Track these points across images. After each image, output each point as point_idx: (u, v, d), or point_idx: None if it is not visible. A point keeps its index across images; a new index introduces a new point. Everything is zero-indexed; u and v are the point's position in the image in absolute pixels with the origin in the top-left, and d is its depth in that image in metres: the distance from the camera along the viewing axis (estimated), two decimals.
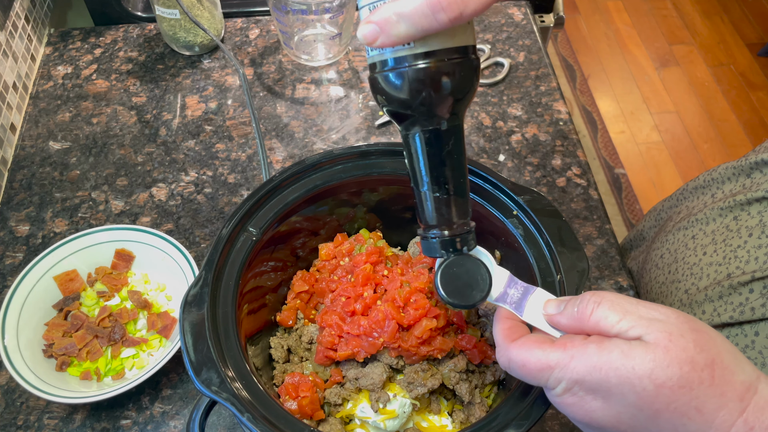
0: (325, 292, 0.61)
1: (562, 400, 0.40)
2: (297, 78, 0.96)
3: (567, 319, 0.42)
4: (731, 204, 0.67)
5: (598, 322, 0.39)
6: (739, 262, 0.63)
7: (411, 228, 0.67)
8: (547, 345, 0.40)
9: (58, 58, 0.98)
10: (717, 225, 0.68)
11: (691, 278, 0.68)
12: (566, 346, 0.39)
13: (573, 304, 0.42)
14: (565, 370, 0.39)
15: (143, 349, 0.69)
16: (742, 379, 0.37)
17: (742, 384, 0.37)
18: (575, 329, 0.41)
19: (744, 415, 0.36)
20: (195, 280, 0.53)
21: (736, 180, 0.71)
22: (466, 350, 0.57)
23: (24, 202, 0.82)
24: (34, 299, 0.68)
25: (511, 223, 0.57)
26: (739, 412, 0.36)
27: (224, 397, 0.46)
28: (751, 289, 0.60)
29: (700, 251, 0.68)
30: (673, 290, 0.70)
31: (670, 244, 0.74)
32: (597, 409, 0.39)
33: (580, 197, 0.82)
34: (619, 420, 0.38)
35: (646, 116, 2.36)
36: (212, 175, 0.85)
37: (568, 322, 0.42)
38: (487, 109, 0.91)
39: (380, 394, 0.55)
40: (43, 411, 0.66)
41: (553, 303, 0.44)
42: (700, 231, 0.70)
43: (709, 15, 2.70)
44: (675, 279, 0.70)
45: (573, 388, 0.39)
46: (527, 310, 0.45)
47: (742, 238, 0.64)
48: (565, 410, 0.41)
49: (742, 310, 0.61)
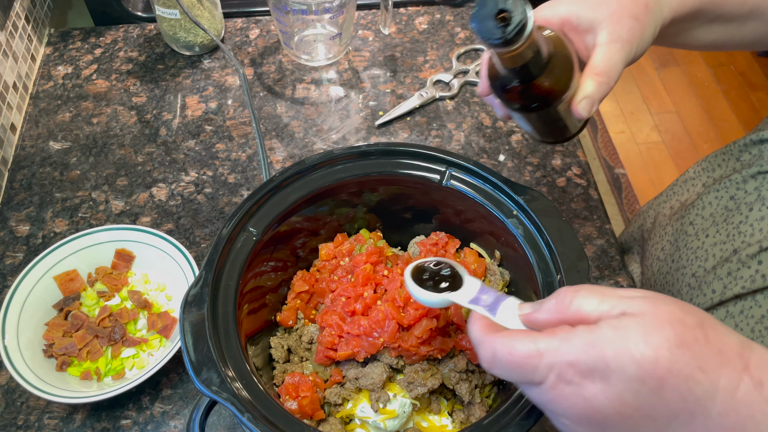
0: (325, 292, 0.61)
1: (555, 393, 0.37)
2: (297, 78, 0.96)
3: (545, 313, 0.39)
4: (726, 185, 0.67)
5: (579, 309, 0.38)
6: (744, 237, 0.63)
7: (411, 228, 0.67)
8: (534, 333, 0.38)
9: (59, 58, 0.98)
10: (715, 207, 0.68)
11: (697, 261, 0.68)
12: (555, 332, 0.37)
13: (549, 299, 0.40)
14: (556, 353, 0.36)
15: (143, 349, 0.69)
16: (734, 339, 0.36)
17: (736, 342, 0.36)
18: (556, 322, 0.39)
19: (749, 371, 0.35)
20: (195, 280, 0.53)
21: (726, 164, 0.71)
22: (466, 350, 0.57)
23: (24, 202, 0.82)
24: (35, 299, 0.68)
25: (511, 223, 0.57)
26: (743, 368, 0.35)
27: (224, 397, 0.46)
28: (759, 260, 0.60)
29: (702, 235, 0.68)
30: (679, 277, 0.70)
31: (669, 235, 0.74)
32: (597, 394, 0.35)
33: (580, 197, 0.82)
34: (623, 402, 0.35)
35: (646, 116, 2.36)
36: (212, 175, 0.85)
37: (547, 316, 0.39)
38: (487, 109, 0.91)
39: (380, 393, 0.55)
40: (43, 411, 0.66)
41: (527, 304, 0.42)
42: (697, 216, 0.70)
43: None
44: (680, 266, 0.70)
45: (567, 374, 0.36)
46: (500, 313, 0.43)
47: (743, 214, 0.64)
48: (560, 406, 0.37)
49: (754, 278, 0.61)
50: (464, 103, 0.92)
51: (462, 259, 0.63)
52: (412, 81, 0.95)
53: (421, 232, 0.67)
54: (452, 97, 0.93)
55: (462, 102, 0.92)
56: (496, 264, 0.63)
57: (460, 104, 0.92)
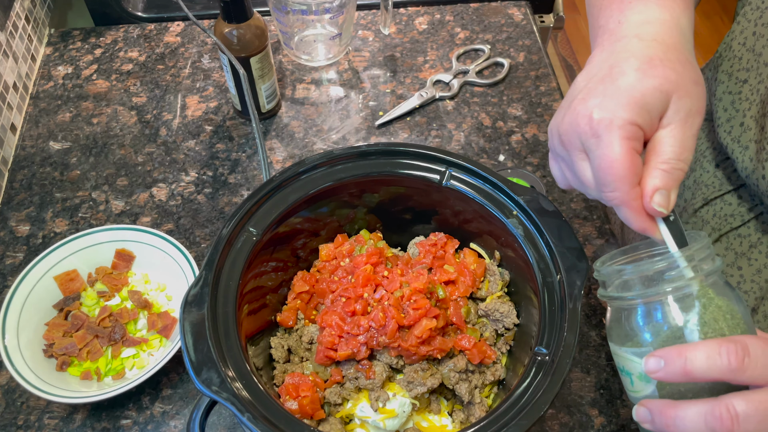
0: (325, 292, 0.61)
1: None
2: (297, 78, 0.96)
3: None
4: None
5: None
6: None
7: (411, 229, 0.67)
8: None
9: (59, 59, 0.98)
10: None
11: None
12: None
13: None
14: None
15: (143, 349, 0.69)
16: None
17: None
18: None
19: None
20: (195, 280, 0.53)
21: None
22: (466, 350, 0.57)
23: (24, 202, 0.82)
24: (35, 299, 0.68)
25: (511, 223, 0.57)
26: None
27: (224, 396, 0.46)
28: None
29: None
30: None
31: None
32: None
33: (580, 197, 0.82)
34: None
35: None
36: (212, 175, 0.85)
37: None
38: (487, 109, 0.91)
39: (380, 393, 0.55)
40: (43, 411, 0.67)
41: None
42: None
43: (709, 15, 2.70)
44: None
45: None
46: None
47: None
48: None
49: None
50: (464, 103, 0.92)
51: (462, 260, 0.63)
52: (412, 81, 0.95)
53: (420, 233, 0.67)
54: (452, 98, 0.93)
55: (462, 102, 0.92)
56: (495, 264, 0.63)
57: (460, 104, 0.92)
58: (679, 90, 0.44)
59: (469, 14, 1.04)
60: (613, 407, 0.66)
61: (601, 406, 0.66)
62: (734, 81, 0.59)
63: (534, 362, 0.49)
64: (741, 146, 0.57)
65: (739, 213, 0.61)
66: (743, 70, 0.58)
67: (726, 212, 0.62)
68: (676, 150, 0.44)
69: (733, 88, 0.59)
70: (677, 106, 0.44)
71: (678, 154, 0.44)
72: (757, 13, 0.58)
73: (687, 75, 0.45)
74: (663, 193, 0.44)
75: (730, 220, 0.61)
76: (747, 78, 0.58)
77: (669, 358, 0.40)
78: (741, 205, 0.61)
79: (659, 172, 0.44)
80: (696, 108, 0.45)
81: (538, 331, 0.52)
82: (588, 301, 0.73)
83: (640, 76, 0.44)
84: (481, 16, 1.03)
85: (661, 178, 0.44)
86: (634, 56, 0.46)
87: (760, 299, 0.60)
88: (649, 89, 0.44)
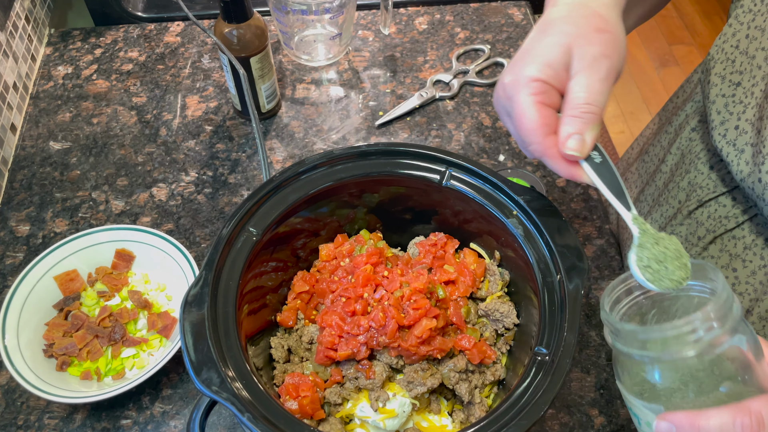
0: (325, 292, 0.61)
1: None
2: (297, 78, 0.96)
3: None
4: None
5: None
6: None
7: (411, 229, 0.67)
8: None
9: (59, 59, 0.98)
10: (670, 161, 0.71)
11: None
12: None
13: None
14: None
15: (143, 349, 0.69)
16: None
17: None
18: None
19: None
20: (195, 280, 0.53)
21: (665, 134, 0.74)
22: (466, 350, 0.57)
23: (24, 202, 0.82)
24: (35, 299, 0.68)
25: (511, 223, 0.57)
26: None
27: (224, 396, 0.46)
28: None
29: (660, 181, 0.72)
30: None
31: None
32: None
33: (580, 197, 0.82)
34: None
35: (646, 116, 2.36)
36: (212, 175, 0.85)
37: None
38: (487, 109, 0.91)
39: (380, 393, 0.55)
40: (43, 411, 0.67)
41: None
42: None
43: (709, 15, 2.70)
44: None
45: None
46: None
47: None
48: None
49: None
50: (464, 103, 0.92)
51: (462, 260, 0.63)
52: (412, 81, 0.95)
53: (420, 233, 0.67)
54: (452, 98, 0.93)
55: (462, 102, 0.92)
56: (495, 264, 0.63)
57: (460, 104, 0.92)
58: (579, 40, 0.47)
59: (469, 14, 1.04)
60: (613, 407, 0.66)
61: (601, 406, 0.66)
62: (727, 84, 0.59)
63: (534, 362, 0.50)
64: (736, 149, 0.57)
65: (734, 215, 0.61)
66: (736, 72, 0.58)
67: (720, 214, 0.62)
68: (584, 95, 0.46)
69: (726, 90, 0.59)
70: (580, 55, 0.47)
71: (586, 98, 0.46)
72: (750, 15, 0.58)
73: (588, 25, 0.48)
74: (576, 138, 0.46)
75: (724, 221, 0.61)
76: (740, 81, 0.58)
77: (681, 426, 0.39)
78: (735, 207, 0.61)
79: (569, 118, 0.47)
80: (601, 52, 0.47)
81: (538, 331, 0.52)
82: (588, 301, 0.73)
83: (539, 35, 0.49)
84: (481, 16, 1.03)
85: (572, 123, 0.46)
86: (542, 22, 0.50)
87: (755, 300, 0.60)
88: (546, 45, 0.48)
